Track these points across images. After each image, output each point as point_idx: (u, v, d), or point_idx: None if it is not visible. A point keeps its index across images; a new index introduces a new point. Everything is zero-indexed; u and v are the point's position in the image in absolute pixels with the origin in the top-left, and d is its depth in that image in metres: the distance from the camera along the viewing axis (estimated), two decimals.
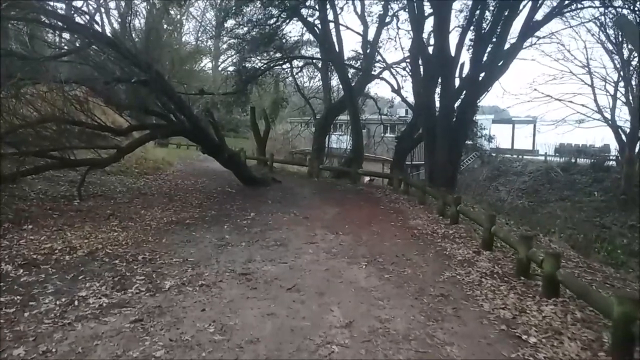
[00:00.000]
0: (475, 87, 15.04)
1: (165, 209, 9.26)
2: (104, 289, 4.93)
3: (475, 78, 14.99)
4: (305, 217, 9.04)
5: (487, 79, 15.06)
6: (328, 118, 20.35)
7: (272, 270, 5.69)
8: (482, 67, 14.97)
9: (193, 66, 38.35)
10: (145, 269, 5.61)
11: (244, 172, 12.49)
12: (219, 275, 5.48)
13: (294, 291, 5.01)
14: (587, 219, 24.05)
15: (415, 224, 8.65)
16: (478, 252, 6.68)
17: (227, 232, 7.69)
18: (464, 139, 16.77)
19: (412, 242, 7.35)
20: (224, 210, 9.47)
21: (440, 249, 6.93)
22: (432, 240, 7.49)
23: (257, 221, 8.57)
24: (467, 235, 7.76)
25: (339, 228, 8.19)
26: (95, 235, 7.01)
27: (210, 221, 8.44)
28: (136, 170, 13.54)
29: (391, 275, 5.60)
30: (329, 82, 22.03)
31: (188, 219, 8.60)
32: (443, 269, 5.91)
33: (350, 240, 7.38)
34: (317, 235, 7.66)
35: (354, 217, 9.19)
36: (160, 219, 8.46)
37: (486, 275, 5.72)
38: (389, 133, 30.32)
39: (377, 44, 19.69)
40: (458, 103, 15.38)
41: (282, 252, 6.56)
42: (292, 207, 10.03)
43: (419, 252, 6.70)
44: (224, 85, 19.41)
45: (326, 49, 18.23)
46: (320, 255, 6.46)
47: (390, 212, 9.79)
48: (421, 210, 10.02)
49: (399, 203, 10.86)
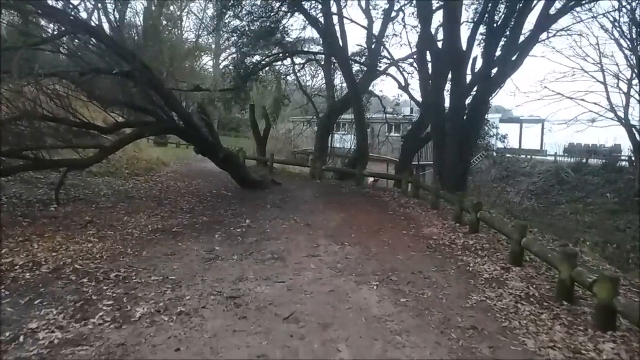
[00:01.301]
0: (487, 84, 14.17)
1: (151, 215, 8.38)
2: (61, 318, 4.05)
3: (487, 74, 14.14)
4: (306, 224, 8.14)
5: (500, 74, 14.18)
6: (331, 117, 19.44)
7: (266, 292, 4.79)
8: (495, 62, 14.14)
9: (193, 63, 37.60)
10: (116, 291, 4.72)
11: (241, 174, 11.60)
12: (203, 299, 4.58)
13: (291, 321, 4.11)
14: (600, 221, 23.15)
15: (430, 232, 7.73)
16: (506, 269, 5.77)
17: (217, 242, 6.79)
18: (475, 137, 15.88)
19: (429, 255, 6.43)
20: (217, 216, 8.57)
21: (462, 263, 6.02)
22: (452, 252, 6.57)
23: (253, 229, 7.67)
24: (490, 247, 6.85)
25: (344, 237, 7.29)
26: (65, 247, 6.12)
27: (200, 229, 7.54)
28: (126, 171, 12.67)
29: (408, 299, 4.69)
30: (332, 79, 21.12)
31: (176, 226, 7.71)
32: (469, 291, 5.00)
33: (358, 252, 6.47)
34: (320, 246, 6.76)
35: (361, 224, 8.28)
36: (144, 226, 7.57)
37: (521, 298, 4.80)
38: (394, 132, 29.43)
39: (383, 39, 18.79)
40: (468, 100, 14.56)
41: (279, 268, 5.66)
42: (292, 213, 9.13)
43: (438, 268, 5.79)
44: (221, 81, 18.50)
45: (329, 44, 17.33)
46: (323, 272, 5.55)
47: (401, 218, 8.88)
48: (434, 216, 9.11)
49: (409, 208, 9.94)
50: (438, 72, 14.97)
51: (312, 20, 17.18)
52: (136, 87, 8.42)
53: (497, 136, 19.42)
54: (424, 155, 25.32)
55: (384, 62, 19.60)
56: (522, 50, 13.93)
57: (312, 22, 17.23)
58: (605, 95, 25.72)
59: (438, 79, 15.01)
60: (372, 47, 18.77)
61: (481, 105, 14.66)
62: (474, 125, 14.73)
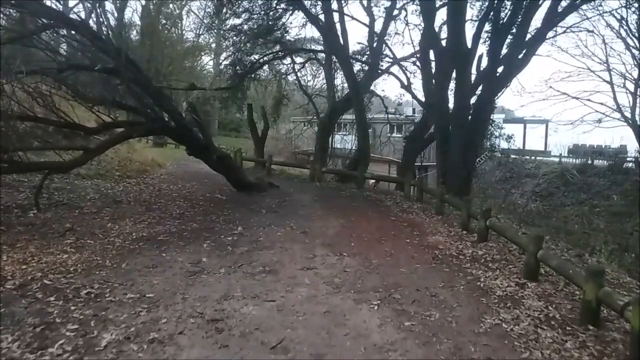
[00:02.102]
0: (493, 83, 13.62)
1: (138, 221, 7.85)
2: (15, 347, 3.53)
3: (493, 72, 13.61)
4: (303, 232, 7.60)
5: (506, 73, 13.64)
6: (332, 117, 18.90)
7: (253, 314, 4.25)
8: (501, 60, 13.62)
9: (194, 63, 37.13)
10: (84, 312, 4.20)
11: (236, 176, 11.07)
12: (181, 322, 4.05)
13: (279, 352, 3.58)
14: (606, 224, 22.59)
15: (435, 241, 7.18)
16: (521, 284, 5.22)
17: (205, 252, 6.25)
18: (480, 138, 15.34)
19: (435, 267, 5.88)
20: (208, 223, 8.04)
21: (471, 278, 5.47)
22: (459, 265, 6.02)
23: (245, 237, 7.13)
24: (501, 258, 6.30)
25: (343, 247, 6.75)
26: (38, 259, 5.61)
27: (188, 237, 7.01)
28: (117, 174, 12.15)
29: (414, 323, 4.15)
30: (333, 78, 20.58)
31: (162, 234, 7.18)
32: (482, 312, 4.45)
33: (358, 264, 5.93)
34: (317, 257, 6.22)
35: (361, 231, 7.74)
36: (128, 234, 7.04)
37: (541, 322, 4.25)
38: (396, 133, 28.89)
39: (385, 37, 18.24)
40: (473, 100, 14.04)
41: (270, 283, 5.12)
42: (288, 218, 8.60)
43: (446, 284, 5.24)
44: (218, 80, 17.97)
45: (330, 42, 16.79)
46: (319, 288, 5.01)
47: (404, 224, 8.33)
48: (440, 222, 8.56)
49: (412, 213, 9.38)
50: (442, 70, 14.46)
51: (313, 18, 16.65)
52: (122, 84, 7.89)
53: (503, 137, 18.79)
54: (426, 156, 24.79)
55: (386, 61, 19.05)
56: (529, 48, 13.40)
57: (312, 19, 16.70)
58: (612, 95, 25.21)
59: (442, 78, 14.50)
60: (374, 45, 18.24)
61: (487, 105, 14.11)
62: (479, 126, 14.19)
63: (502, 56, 13.53)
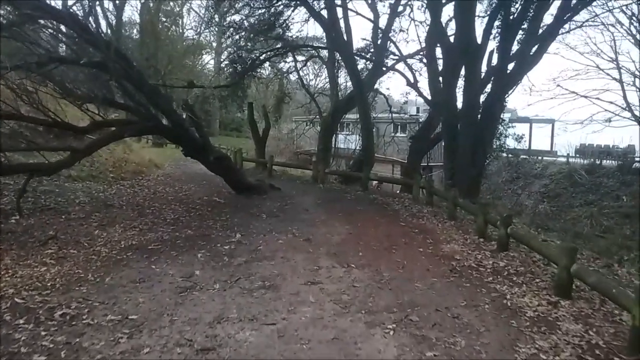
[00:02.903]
0: (504, 80, 13.03)
1: (128, 228, 7.30)
2: None
3: (503, 69, 13.04)
4: (306, 239, 7.02)
5: (517, 70, 13.03)
6: (335, 116, 18.30)
7: (250, 341, 3.68)
8: (512, 57, 13.06)
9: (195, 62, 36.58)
10: (56, 338, 3.64)
11: (235, 178, 10.50)
12: (166, 351, 3.48)
13: None
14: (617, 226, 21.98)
15: (451, 250, 6.58)
16: (554, 303, 4.62)
17: (199, 264, 5.68)
18: (490, 138, 14.71)
19: (454, 282, 5.30)
20: (204, 229, 7.47)
21: (496, 295, 4.88)
22: (481, 278, 5.43)
23: (244, 246, 6.55)
24: (526, 270, 5.70)
25: (350, 257, 6.17)
26: (13, 272, 5.06)
27: (181, 246, 6.44)
28: (111, 175, 11.60)
29: (437, 353, 3.57)
30: (336, 76, 19.96)
31: (154, 242, 6.61)
32: (514, 338, 3.86)
33: (368, 277, 5.35)
34: (322, 268, 5.64)
35: (370, 238, 7.15)
36: (116, 242, 6.48)
37: (584, 351, 3.66)
38: (400, 132, 28.30)
39: (389, 33, 17.63)
40: (482, 98, 13.46)
41: (270, 302, 4.54)
42: (290, 224, 8.02)
43: (469, 302, 4.65)
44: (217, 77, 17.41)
45: (333, 38, 16.19)
46: (325, 308, 4.44)
47: (415, 231, 7.74)
48: (453, 228, 7.96)
49: (423, 218, 8.79)
50: (450, 67, 13.88)
51: (315, 14, 16.07)
52: (112, 80, 7.33)
53: (513, 136, 18.16)
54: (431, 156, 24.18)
55: (391, 59, 18.44)
56: (541, 44, 12.80)
57: (315, 15, 16.11)
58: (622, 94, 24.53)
59: (449, 75, 13.93)
60: (379, 42, 17.64)
61: (497, 103, 13.53)
62: (489, 125, 13.61)
63: (512, 52, 13.00)
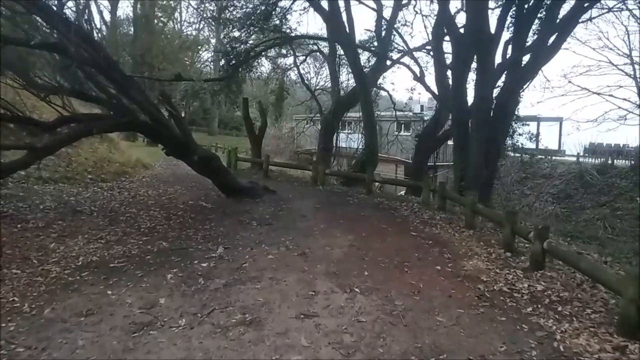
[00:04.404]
0: (518, 73, 11.95)
1: (93, 239, 6.22)
2: None
3: (518, 62, 11.96)
4: (301, 254, 5.93)
5: (533, 63, 11.93)
6: (336, 113, 17.21)
7: None
8: (527, 48, 12.01)
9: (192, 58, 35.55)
10: None
11: (225, 180, 9.42)
12: None
13: None
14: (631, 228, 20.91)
15: (474, 268, 5.48)
16: (620, 348, 3.53)
17: (166, 289, 4.59)
18: (504, 135, 13.64)
19: (485, 314, 4.19)
20: (182, 241, 6.39)
21: (543, 334, 3.78)
22: (517, 308, 4.33)
23: (225, 263, 5.47)
24: (571, 297, 4.59)
25: (354, 277, 5.08)
26: None
27: (150, 263, 5.36)
28: (89, 177, 10.53)
29: None
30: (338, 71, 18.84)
31: (118, 258, 5.53)
32: None
33: (376, 307, 4.26)
34: (319, 294, 4.55)
35: (376, 253, 6.05)
36: (73, 259, 5.41)
37: None
38: (404, 131, 27.22)
39: (394, 24, 16.54)
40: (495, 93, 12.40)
41: (248, 347, 3.46)
42: (284, 233, 6.94)
43: (509, 345, 3.56)
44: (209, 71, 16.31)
45: (334, 30, 15.11)
46: (321, 355, 3.36)
47: (429, 242, 6.63)
48: (473, 239, 6.85)
49: (436, 226, 7.67)
50: (460, 59, 12.81)
51: (315, 5, 15.01)
52: (76, 66, 6.25)
53: (527, 134, 17.03)
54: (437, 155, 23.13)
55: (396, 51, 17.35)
56: (559, 34, 11.70)
57: (315, 5, 15.06)
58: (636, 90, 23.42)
59: (459, 68, 12.85)
60: (383, 34, 16.54)
61: (511, 98, 12.44)
62: (503, 122, 12.53)
63: (531, 43, 11.96)
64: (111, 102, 7.31)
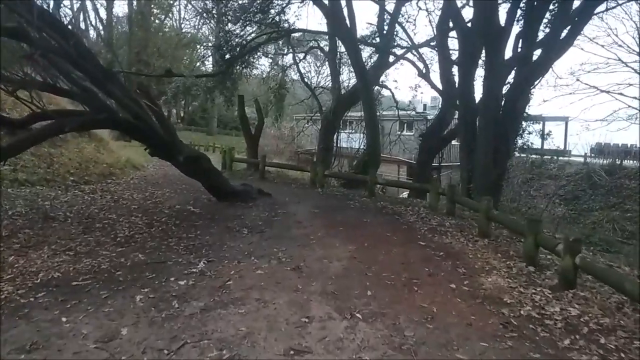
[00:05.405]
0: (529, 69, 11.26)
1: (60, 250, 5.51)
2: None
3: (528, 56, 11.28)
4: (295, 268, 5.21)
5: (545, 57, 11.22)
6: (337, 111, 16.48)
7: None
8: (538, 42, 11.35)
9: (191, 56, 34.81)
10: None
11: (215, 182, 8.72)
12: None
13: None
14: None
15: (495, 286, 4.74)
16: None
17: (132, 315, 3.87)
18: (515, 134, 12.93)
19: (514, 348, 3.46)
20: (161, 253, 5.67)
21: None
22: (551, 339, 3.60)
23: (206, 280, 4.75)
24: (613, 324, 3.86)
25: (355, 298, 4.35)
26: None
27: (119, 281, 4.64)
28: (71, 179, 9.83)
29: None
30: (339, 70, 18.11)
31: (84, 274, 4.82)
32: None
33: (382, 339, 3.53)
34: (313, 322, 3.82)
35: (381, 267, 5.33)
36: (32, 274, 4.70)
37: None
38: (406, 131, 26.51)
39: (397, 19, 15.81)
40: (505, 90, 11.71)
41: None
42: (277, 243, 6.22)
43: None
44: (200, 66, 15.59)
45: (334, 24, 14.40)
46: None
47: (440, 254, 5.89)
48: (489, 250, 6.11)
49: (447, 234, 6.92)
50: (467, 54, 12.15)
51: None
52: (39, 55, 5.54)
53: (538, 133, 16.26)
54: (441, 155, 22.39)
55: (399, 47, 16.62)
56: (573, 28, 11.00)
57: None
58: None
59: (467, 64, 12.20)
60: (385, 29, 15.81)
61: (521, 95, 11.74)
62: (513, 120, 11.83)
63: (540, 38, 11.30)
64: (85, 97, 6.59)
